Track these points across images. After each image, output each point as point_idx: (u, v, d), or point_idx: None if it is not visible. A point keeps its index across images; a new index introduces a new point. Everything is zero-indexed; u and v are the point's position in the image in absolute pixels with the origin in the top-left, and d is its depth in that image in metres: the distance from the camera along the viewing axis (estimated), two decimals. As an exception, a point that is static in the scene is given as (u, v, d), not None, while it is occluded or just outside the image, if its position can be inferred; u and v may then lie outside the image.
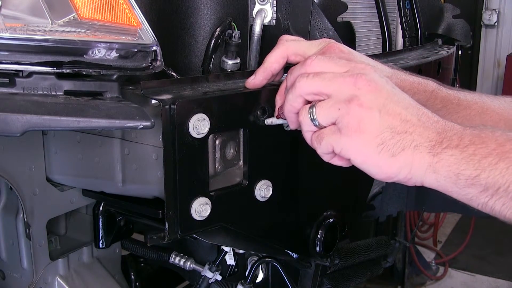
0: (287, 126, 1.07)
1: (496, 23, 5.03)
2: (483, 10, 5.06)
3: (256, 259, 1.59)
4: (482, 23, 5.08)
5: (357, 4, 1.73)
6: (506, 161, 0.80)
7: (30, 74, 0.98)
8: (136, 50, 1.02)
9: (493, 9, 5.02)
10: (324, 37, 1.30)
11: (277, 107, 1.06)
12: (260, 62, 1.31)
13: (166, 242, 1.13)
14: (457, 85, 2.44)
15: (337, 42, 1.07)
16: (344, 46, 1.07)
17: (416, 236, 3.73)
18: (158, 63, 1.04)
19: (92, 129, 1.26)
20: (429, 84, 1.15)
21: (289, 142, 1.18)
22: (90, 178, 1.39)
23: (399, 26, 2.02)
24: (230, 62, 1.25)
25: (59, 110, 0.95)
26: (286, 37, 1.10)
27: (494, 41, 5.09)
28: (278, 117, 1.06)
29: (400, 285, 3.36)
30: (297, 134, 1.09)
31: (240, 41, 1.25)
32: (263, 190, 1.13)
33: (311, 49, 1.06)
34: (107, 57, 0.99)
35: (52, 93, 1.00)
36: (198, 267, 1.64)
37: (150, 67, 1.04)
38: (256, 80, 1.07)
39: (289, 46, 1.07)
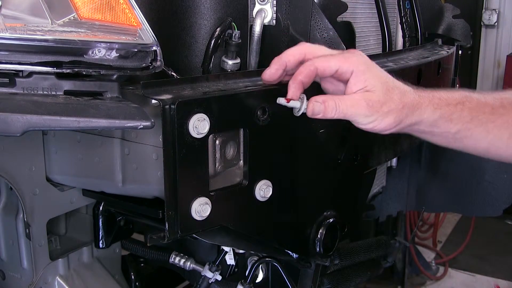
0: (298, 111, 1.07)
1: (496, 23, 5.02)
2: (483, 10, 5.05)
3: (256, 259, 1.59)
4: (482, 23, 5.07)
5: (357, 4, 1.72)
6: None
7: (30, 74, 0.98)
8: (136, 50, 1.02)
9: (493, 9, 5.01)
10: (324, 37, 1.30)
11: (289, 91, 1.06)
12: (260, 62, 1.31)
13: (166, 242, 1.13)
14: (457, 85, 2.44)
15: (357, 52, 1.09)
16: (364, 55, 1.09)
17: (416, 236, 3.72)
18: (158, 63, 1.04)
19: (92, 129, 1.26)
20: (454, 96, 1.11)
21: (289, 142, 1.18)
22: (90, 178, 1.39)
23: (399, 26, 2.02)
24: (230, 62, 1.25)
25: (59, 110, 0.95)
26: (307, 43, 1.16)
27: (494, 41, 5.08)
28: (288, 101, 1.06)
29: (400, 285, 3.35)
30: (297, 134, 1.10)
31: (240, 41, 1.25)
32: (263, 190, 1.13)
33: (329, 52, 1.10)
34: (107, 57, 0.99)
35: (52, 93, 1.00)
36: (198, 267, 1.64)
37: (150, 67, 1.04)
38: (271, 69, 1.08)
39: (309, 46, 1.11)
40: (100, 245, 1.56)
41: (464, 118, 1.09)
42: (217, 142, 1.07)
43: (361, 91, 1.05)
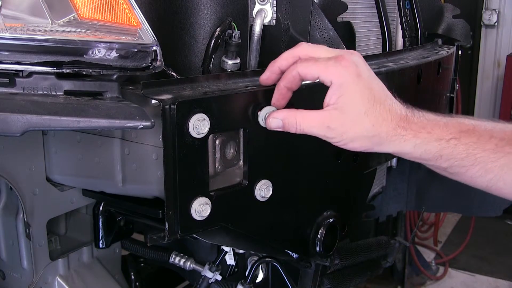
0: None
1: (496, 23, 5.02)
2: (483, 10, 5.05)
3: (256, 259, 1.59)
4: (482, 23, 5.07)
5: (357, 4, 1.72)
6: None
7: (30, 74, 0.98)
8: (136, 50, 1.02)
9: (493, 9, 5.01)
10: (324, 37, 1.30)
11: (273, 97, 1.07)
12: (260, 62, 1.31)
13: (166, 242, 1.13)
14: (457, 85, 2.43)
15: (354, 54, 1.02)
16: (353, 65, 1.00)
17: (416, 236, 3.72)
18: (158, 63, 1.04)
19: (92, 129, 1.26)
20: (450, 129, 1.01)
21: (289, 142, 1.18)
22: (90, 178, 1.39)
23: (399, 26, 2.02)
24: (230, 62, 1.25)
25: (59, 110, 0.95)
26: (306, 43, 1.08)
27: (494, 41, 5.08)
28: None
29: (400, 285, 3.36)
30: (297, 134, 1.09)
31: (240, 41, 1.25)
32: (263, 190, 1.13)
33: (326, 54, 1.03)
34: (107, 57, 0.99)
35: (52, 93, 1.00)
36: (198, 267, 1.64)
37: (150, 67, 1.04)
38: (265, 75, 1.08)
39: (305, 48, 1.05)
40: (100, 245, 1.56)
41: (457, 155, 1.00)
42: (217, 142, 1.07)
43: (330, 108, 0.99)
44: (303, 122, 1.01)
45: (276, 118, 1.03)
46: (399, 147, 1.01)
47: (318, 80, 1.01)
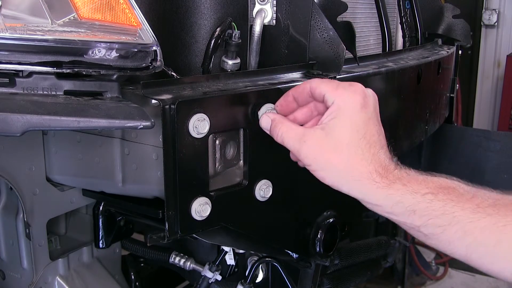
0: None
1: (496, 23, 5.03)
2: (483, 10, 5.05)
3: (256, 259, 1.59)
4: (482, 23, 5.07)
5: (357, 4, 1.72)
6: None
7: (30, 74, 0.98)
8: (136, 50, 1.02)
9: (493, 9, 5.02)
10: (324, 37, 1.30)
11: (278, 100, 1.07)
12: (260, 62, 1.31)
13: (166, 242, 1.13)
14: (457, 85, 2.43)
15: (368, 89, 1.00)
16: (373, 94, 0.99)
17: (416, 236, 3.72)
18: (158, 63, 1.04)
19: (92, 129, 1.26)
20: (428, 184, 0.92)
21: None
22: (90, 178, 1.39)
23: (399, 26, 2.02)
24: (230, 62, 1.25)
25: (59, 110, 0.95)
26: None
27: (494, 41, 5.08)
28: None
29: (400, 285, 3.36)
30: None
31: (240, 41, 1.25)
32: (263, 190, 1.13)
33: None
34: (107, 57, 0.99)
35: (52, 93, 1.00)
36: (198, 267, 1.64)
37: (150, 67, 1.04)
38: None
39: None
40: (100, 245, 1.56)
41: (432, 211, 0.89)
42: (217, 142, 1.07)
43: (318, 127, 0.97)
44: (284, 132, 1.01)
45: (268, 118, 1.05)
46: (370, 194, 0.95)
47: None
